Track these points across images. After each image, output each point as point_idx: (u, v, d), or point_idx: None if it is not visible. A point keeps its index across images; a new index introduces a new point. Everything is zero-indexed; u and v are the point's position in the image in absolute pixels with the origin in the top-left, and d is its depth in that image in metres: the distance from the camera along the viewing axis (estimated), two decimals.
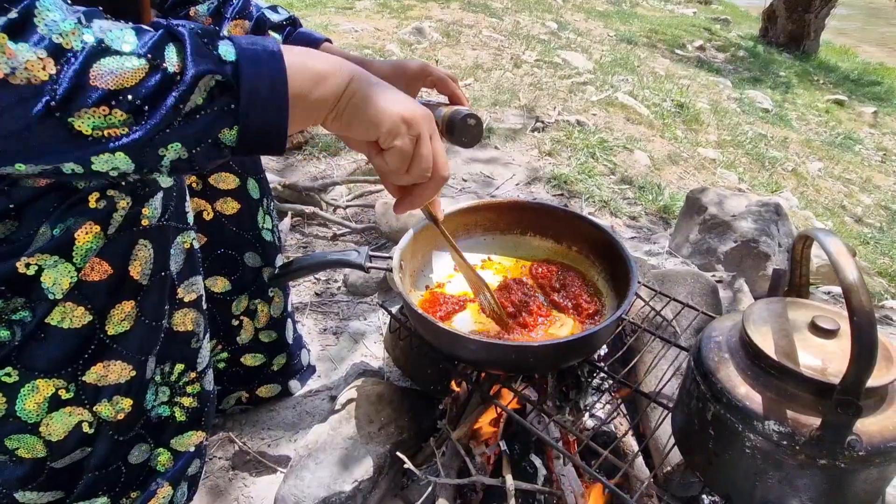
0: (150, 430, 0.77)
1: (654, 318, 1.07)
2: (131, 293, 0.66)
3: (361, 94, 0.57)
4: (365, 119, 0.58)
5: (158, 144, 0.49)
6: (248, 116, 0.51)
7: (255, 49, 0.52)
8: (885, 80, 6.82)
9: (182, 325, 0.76)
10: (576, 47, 4.64)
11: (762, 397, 0.63)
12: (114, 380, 0.68)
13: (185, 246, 0.74)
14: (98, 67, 0.45)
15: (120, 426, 0.71)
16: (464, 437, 0.93)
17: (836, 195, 3.54)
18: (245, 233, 0.99)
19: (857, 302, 0.54)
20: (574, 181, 2.35)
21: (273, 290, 1.07)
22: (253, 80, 0.50)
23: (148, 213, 0.66)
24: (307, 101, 0.55)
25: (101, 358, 0.66)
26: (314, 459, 0.93)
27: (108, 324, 0.65)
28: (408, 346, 1.09)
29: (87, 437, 0.69)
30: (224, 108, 0.50)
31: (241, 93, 0.50)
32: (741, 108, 4.51)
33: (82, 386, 0.66)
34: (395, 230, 1.66)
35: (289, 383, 1.18)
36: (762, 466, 0.63)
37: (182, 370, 0.78)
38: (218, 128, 0.51)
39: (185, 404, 0.80)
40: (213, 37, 0.51)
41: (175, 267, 0.73)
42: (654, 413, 0.98)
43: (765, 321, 0.68)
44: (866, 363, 0.54)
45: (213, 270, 0.98)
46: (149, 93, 0.47)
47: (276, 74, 0.52)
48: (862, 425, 0.59)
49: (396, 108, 0.59)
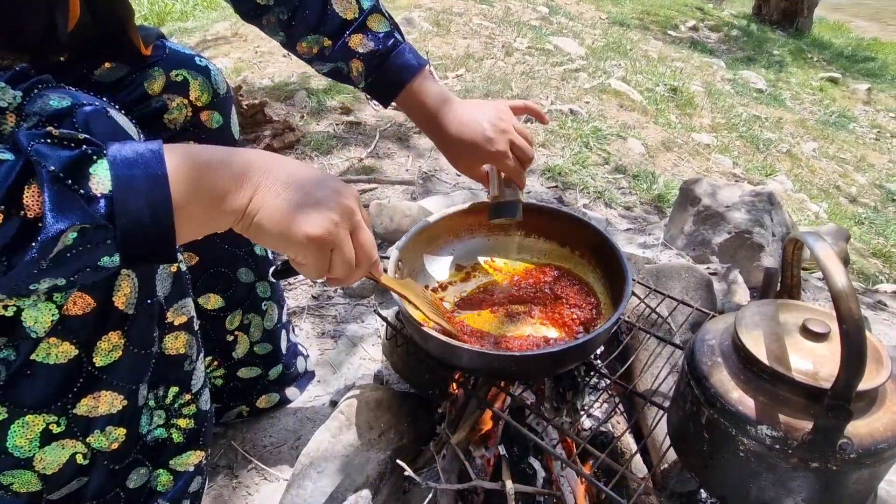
0: (147, 453, 0.77)
1: (650, 316, 1.07)
2: (117, 323, 0.65)
3: (265, 212, 0.54)
4: (270, 240, 0.55)
5: (29, 284, 0.46)
6: (129, 245, 0.48)
7: (134, 175, 0.48)
8: (878, 55, 6.79)
9: (174, 349, 0.76)
10: (567, 32, 4.60)
11: (755, 402, 0.63)
12: (105, 410, 0.67)
13: (172, 269, 0.73)
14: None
15: (115, 455, 0.71)
16: (463, 441, 0.94)
17: (831, 175, 3.54)
18: (237, 249, 0.98)
19: (845, 309, 0.54)
20: (568, 172, 2.35)
21: (267, 302, 1.07)
22: (131, 212, 0.47)
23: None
24: (201, 221, 0.53)
25: (90, 390, 0.65)
26: (315, 468, 0.94)
27: (96, 356, 0.64)
28: (405, 352, 1.09)
29: (82, 467, 0.68)
30: (99, 244, 0.47)
31: (118, 228, 0.47)
32: (735, 90, 4.50)
33: (73, 419, 0.65)
34: (389, 231, 1.66)
35: (286, 391, 1.19)
36: (756, 469, 0.64)
37: (177, 392, 0.78)
38: (96, 258, 0.48)
39: (181, 426, 0.80)
40: (83, 165, 0.46)
41: (163, 291, 0.72)
42: (651, 411, 0.99)
43: (756, 325, 0.68)
44: (855, 369, 0.55)
45: (207, 288, 0.98)
46: (6, 244, 0.43)
47: (157, 201, 0.48)
48: (853, 428, 0.60)
49: (303, 230, 0.54)
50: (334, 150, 2.35)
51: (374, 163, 2.30)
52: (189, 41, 3.75)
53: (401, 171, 2.26)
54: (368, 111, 2.72)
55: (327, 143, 2.37)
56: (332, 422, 1.02)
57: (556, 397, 0.97)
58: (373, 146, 2.39)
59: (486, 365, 0.81)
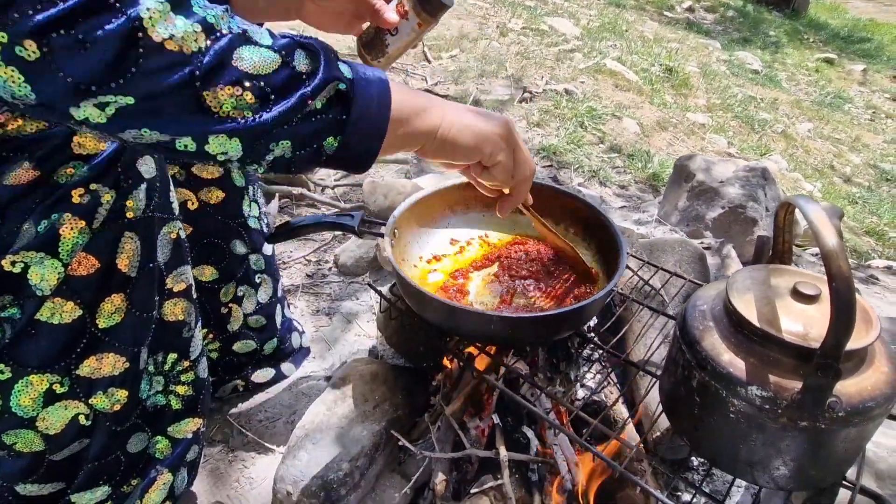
0: (146, 419, 0.78)
1: (643, 288, 1.08)
2: (120, 286, 0.66)
3: (459, 124, 0.64)
4: (466, 146, 0.65)
5: (271, 139, 0.52)
6: (354, 130, 0.55)
7: (367, 74, 0.57)
8: (874, 36, 6.76)
9: (173, 315, 0.77)
10: (563, 13, 4.55)
11: (745, 363, 0.64)
12: (108, 372, 0.68)
13: (172, 236, 0.74)
14: (240, 51, 0.49)
15: (117, 417, 0.72)
16: (457, 412, 0.95)
17: (826, 155, 3.54)
18: (230, 221, 0.98)
19: (835, 268, 0.55)
20: (563, 152, 2.34)
21: (261, 275, 1.07)
22: (365, 98, 0.55)
23: (132, 206, 0.66)
24: (406, 129, 0.60)
25: (93, 351, 0.66)
26: (311, 440, 0.95)
27: (99, 317, 0.65)
28: (399, 325, 1.10)
29: (84, 429, 0.70)
30: (336, 118, 0.54)
31: (354, 106, 0.54)
32: (730, 71, 4.47)
33: (76, 379, 0.66)
34: (383, 209, 1.65)
35: (281, 366, 1.19)
36: (746, 430, 0.65)
37: (175, 359, 0.79)
38: (325, 135, 0.54)
39: (180, 392, 0.81)
40: (336, 53, 0.56)
41: (162, 257, 0.73)
42: (643, 381, 1.00)
43: (748, 289, 0.69)
44: (845, 327, 0.55)
45: (200, 259, 0.98)
46: (278, 84, 0.50)
47: (383, 98, 0.57)
48: (841, 387, 0.60)
49: (493, 129, 0.66)
50: None
51: None
52: None
53: None
54: None
55: None
56: (327, 395, 1.02)
57: (550, 367, 0.97)
58: None
59: (483, 327, 0.81)
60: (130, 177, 0.65)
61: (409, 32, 0.80)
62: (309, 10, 0.82)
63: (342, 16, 0.82)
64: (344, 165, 0.58)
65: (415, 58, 3.13)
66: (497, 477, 0.86)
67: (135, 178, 0.66)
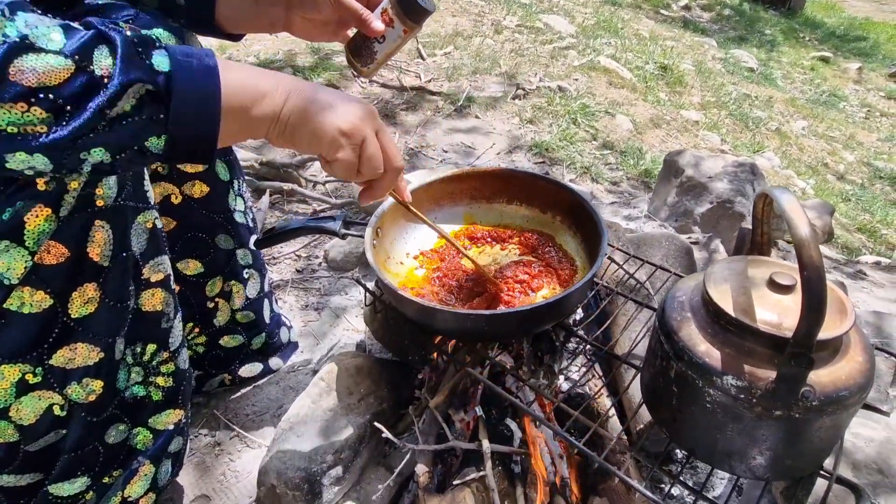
0: (125, 410, 0.77)
1: (628, 282, 1.08)
2: (92, 275, 0.66)
3: (299, 111, 0.59)
4: (305, 136, 0.61)
5: (81, 148, 0.49)
6: (178, 127, 0.52)
7: (191, 62, 0.53)
8: (870, 35, 6.77)
9: (150, 306, 0.76)
10: (558, 10, 4.55)
11: (721, 353, 0.64)
12: (82, 362, 0.68)
13: (147, 225, 0.73)
14: (20, 63, 0.45)
15: (92, 407, 0.72)
16: (441, 405, 0.95)
17: (819, 153, 3.55)
18: (215, 215, 0.98)
19: (807, 256, 0.55)
20: (555, 148, 2.34)
21: (248, 270, 1.07)
22: (185, 93, 0.52)
23: (102, 194, 0.65)
24: (244, 118, 0.57)
25: (66, 341, 0.66)
26: (296, 432, 0.95)
27: (71, 307, 0.65)
28: (384, 319, 1.10)
29: (59, 419, 0.69)
30: (153, 118, 0.51)
31: (172, 104, 0.51)
32: (726, 69, 4.48)
33: (50, 369, 0.66)
34: (374, 204, 1.65)
35: (269, 361, 1.19)
36: (722, 420, 0.65)
37: (154, 350, 0.79)
38: (145, 136, 0.52)
39: (160, 384, 0.81)
40: (148, 45, 0.51)
41: (137, 247, 0.72)
42: (628, 374, 1.00)
43: (725, 279, 0.69)
44: (816, 316, 0.56)
45: (185, 253, 0.97)
46: (73, 94, 0.47)
47: (208, 90, 0.53)
48: (815, 376, 0.60)
49: (335, 123, 0.61)
50: None
51: None
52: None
53: None
54: (355, 88, 2.70)
55: None
56: (312, 388, 1.03)
57: (534, 360, 0.97)
58: None
59: (459, 325, 0.82)
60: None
61: (395, 39, 0.80)
62: (295, 22, 0.82)
63: (328, 25, 0.82)
64: (182, 160, 0.56)
65: (409, 55, 3.13)
66: (480, 469, 0.86)
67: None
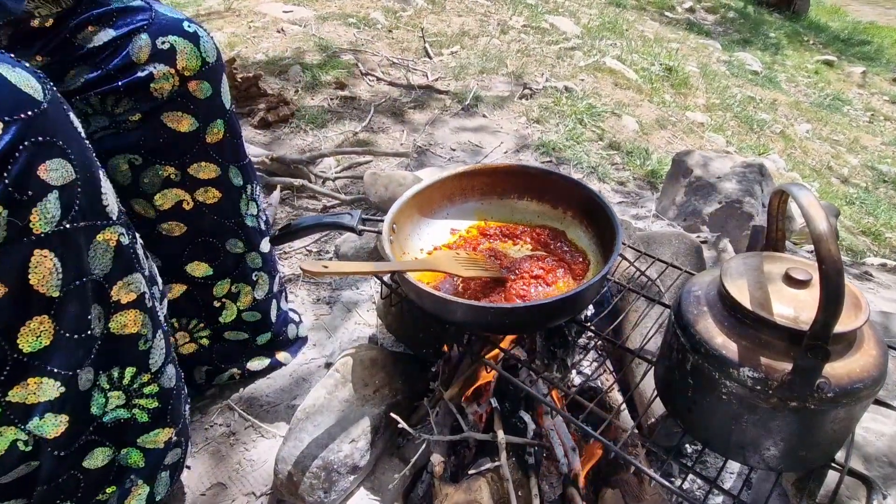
0: (106, 434, 0.74)
1: (639, 279, 1.09)
2: (41, 308, 0.61)
3: None
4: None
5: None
6: None
7: None
8: (874, 39, 6.78)
9: (124, 329, 0.72)
10: (563, 11, 4.57)
11: (738, 346, 0.66)
12: (43, 398, 0.64)
13: (111, 244, 0.68)
14: None
15: (60, 441, 0.68)
16: (455, 397, 0.97)
17: (824, 156, 3.56)
18: (227, 220, 0.98)
19: (825, 251, 0.56)
20: (562, 148, 2.35)
21: (258, 272, 1.08)
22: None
23: (38, 220, 0.58)
24: None
25: (21, 377, 0.62)
26: (312, 422, 0.96)
27: (21, 342, 0.60)
28: (399, 312, 1.11)
29: (26, 453, 0.66)
30: None
31: None
32: (730, 71, 4.49)
33: (8, 406, 0.62)
34: (384, 200, 1.67)
35: (277, 356, 1.20)
36: (738, 411, 0.66)
37: (134, 374, 0.75)
38: None
39: (144, 405, 0.78)
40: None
41: (100, 269, 0.67)
42: (639, 369, 1.01)
43: (741, 274, 0.70)
44: (833, 309, 0.57)
45: (194, 257, 0.98)
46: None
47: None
48: (831, 369, 0.62)
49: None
50: (329, 124, 2.34)
51: (368, 137, 2.30)
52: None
53: (395, 144, 2.26)
54: (363, 86, 2.71)
55: (322, 117, 2.36)
56: (327, 379, 1.04)
57: (547, 354, 0.99)
58: (367, 120, 2.38)
59: (479, 318, 0.83)
60: (28, 187, 0.57)
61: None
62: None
63: None
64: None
65: (416, 53, 3.14)
66: (494, 459, 0.87)
67: (36, 188, 0.57)
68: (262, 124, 2.26)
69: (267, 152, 1.93)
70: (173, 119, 0.87)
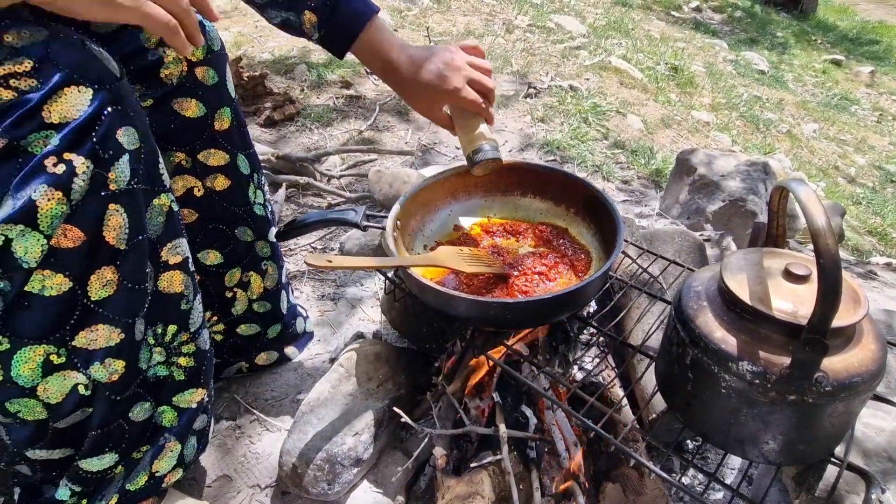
0: (148, 389, 0.80)
1: (641, 276, 1.10)
2: (109, 258, 0.67)
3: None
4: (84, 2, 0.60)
5: None
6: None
7: None
8: (883, 38, 6.73)
9: (170, 288, 0.78)
10: (569, 10, 4.56)
11: (737, 340, 0.66)
12: (103, 343, 0.70)
13: (164, 208, 0.74)
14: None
15: (115, 386, 0.73)
16: (458, 391, 0.98)
17: (830, 156, 3.54)
18: (236, 208, 1.00)
19: (823, 245, 0.57)
20: (567, 147, 2.36)
21: (266, 262, 1.09)
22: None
23: (114, 178, 0.65)
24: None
25: (87, 323, 0.67)
26: (316, 415, 0.97)
27: (90, 289, 0.66)
28: (403, 307, 1.12)
29: (84, 398, 0.72)
30: None
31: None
32: (737, 71, 4.48)
33: (73, 350, 0.68)
34: (388, 198, 1.68)
35: (285, 350, 1.21)
36: (737, 405, 0.67)
37: (175, 331, 0.81)
38: None
39: (181, 364, 0.83)
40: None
41: (154, 230, 0.74)
42: (640, 365, 1.02)
43: (741, 269, 0.71)
44: (831, 303, 0.58)
45: (206, 244, 1.00)
46: None
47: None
48: (829, 363, 0.62)
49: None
50: (334, 123, 2.36)
51: (373, 135, 2.31)
52: None
53: (400, 143, 2.28)
54: (368, 85, 2.72)
55: (327, 116, 2.38)
56: (332, 373, 1.05)
57: (549, 349, 1.00)
58: (372, 119, 2.39)
59: (482, 313, 0.84)
60: (109, 147, 0.64)
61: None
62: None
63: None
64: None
65: None
66: (496, 453, 0.88)
67: (115, 149, 0.65)
68: (267, 123, 2.28)
69: (273, 150, 1.95)
70: (183, 105, 0.89)
